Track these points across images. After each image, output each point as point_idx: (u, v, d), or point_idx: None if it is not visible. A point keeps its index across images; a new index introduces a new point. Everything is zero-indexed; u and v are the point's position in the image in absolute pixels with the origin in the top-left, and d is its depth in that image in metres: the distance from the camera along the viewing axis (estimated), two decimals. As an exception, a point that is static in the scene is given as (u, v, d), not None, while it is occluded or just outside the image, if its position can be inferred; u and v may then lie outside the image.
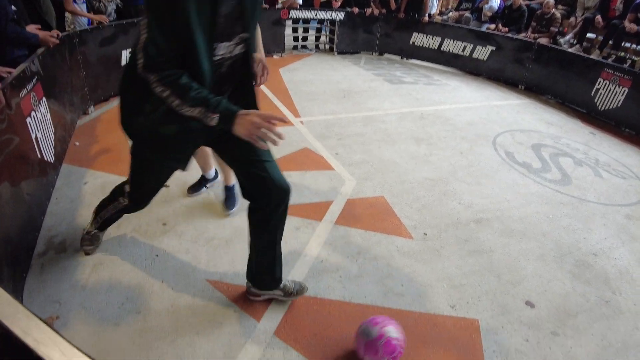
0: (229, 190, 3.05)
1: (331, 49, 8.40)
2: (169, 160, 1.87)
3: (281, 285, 2.23)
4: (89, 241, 2.49)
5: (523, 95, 6.66)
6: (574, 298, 2.58)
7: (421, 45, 7.91)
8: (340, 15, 7.86)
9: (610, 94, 5.89)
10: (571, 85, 6.33)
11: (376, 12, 7.92)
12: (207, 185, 3.24)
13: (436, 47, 7.78)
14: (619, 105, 5.79)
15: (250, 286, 2.26)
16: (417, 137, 4.41)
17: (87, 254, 2.52)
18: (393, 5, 7.88)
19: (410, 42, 7.99)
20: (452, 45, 7.64)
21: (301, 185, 3.39)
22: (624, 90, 5.67)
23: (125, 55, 4.83)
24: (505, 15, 7.56)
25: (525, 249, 2.92)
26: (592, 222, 3.37)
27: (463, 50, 7.53)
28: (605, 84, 5.90)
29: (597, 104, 6.03)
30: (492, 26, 7.63)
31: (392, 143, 4.22)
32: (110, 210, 2.32)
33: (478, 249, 2.85)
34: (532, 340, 2.25)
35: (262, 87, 5.69)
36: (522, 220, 3.22)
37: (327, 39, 8.61)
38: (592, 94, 6.08)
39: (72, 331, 2.04)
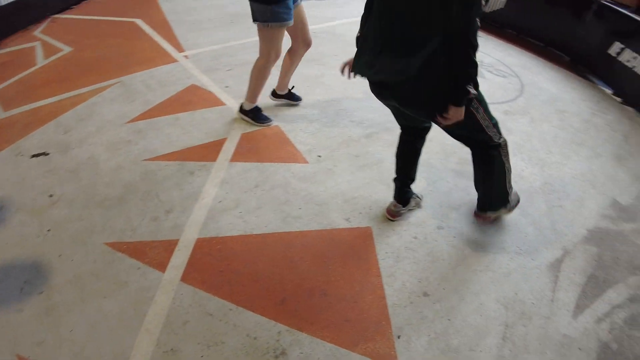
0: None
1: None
2: None
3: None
4: None
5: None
6: (457, 193, 2.88)
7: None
8: None
9: (492, -7, 6.10)
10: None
11: None
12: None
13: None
14: (503, 5, 6.04)
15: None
16: (308, 58, 4.30)
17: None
18: None
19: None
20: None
21: (191, 126, 3.25)
22: (507, -9, 5.91)
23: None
24: None
25: (412, 156, 3.14)
26: (471, 122, 3.66)
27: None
28: (489, -17, 6.08)
29: (483, 5, 6.24)
30: None
31: (285, 66, 4.12)
32: None
33: (368, 162, 3.02)
34: (420, 237, 2.52)
35: (139, 21, 5.15)
36: (408, 130, 3.40)
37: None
38: (477, -5, 6.25)
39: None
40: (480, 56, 4.89)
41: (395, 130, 3.34)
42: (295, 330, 1.98)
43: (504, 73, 4.74)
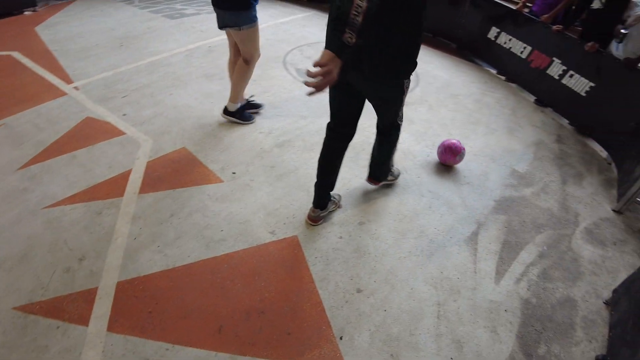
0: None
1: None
2: None
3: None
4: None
5: (307, 7, 6.84)
6: (371, 188, 2.96)
7: (199, -32, 7.31)
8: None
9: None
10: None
11: None
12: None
13: (215, -31, 7.30)
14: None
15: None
16: (209, 74, 4.23)
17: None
18: None
19: (187, -33, 7.31)
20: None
21: (91, 162, 3.00)
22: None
23: None
24: None
25: (326, 159, 3.18)
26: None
27: (243, -31, 7.23)
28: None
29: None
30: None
31: (184, 86, 3.97)
32: None
33: (285, 171, 3.00)
34: (344, 236, 2.55)
35: (16, 54, 4.68)
36: (318, 133, 3.46)
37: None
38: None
39: None
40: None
41: (307, 135, 3.39)
42: (238, 355, 1.90)
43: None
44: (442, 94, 4.47)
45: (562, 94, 4.37)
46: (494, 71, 5.34)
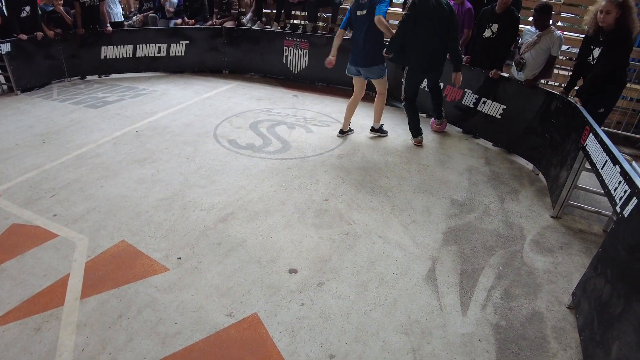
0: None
1: (11, 89, 6.91)
2: None
3: None
4: None
5: (230, 79, 7.01)
6: (323, 244, 2.92)
7: (114, 57, 7.32)
8: (5, 47, 6.46)
9: (296, 57, 6.79)
10: (266, 59, 6.99)
11: (50, 34, 6.83)
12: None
13: (131, 55, 7.33)
14: (306, 65, 6.75)
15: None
16: (139, 159, 4.10)
17: None
18: (69, 20, 6.92)
19: (102, 57, 7.29)
20: (146, 49, 7.33)
21: (22, 273, 2.71)
22: (306, 52, 6.64)
23: None
24: (187, 7, 7.66)
25: (272, 224, 3.13)
26: (316, 173, 3.86)
27: (159, 52, 7.34)
28: (291, 50, 6.77)
29: (291, 69, 6.89)
30: (179, 21, 7.64)
31: (115, 176, 3.81)
32: None
33: (233, 246, 2.90)
34: (306, 302, 2.45)
35: None
36: (261, 200, 3.42)
37: (2, 78, 7.01)
38: (284, 61, 6.89)
39: None
40: (301, 113, 5.31)
41: (249, 204, 3.33)
42: None
43: (327, 122, 5.19)
44: (372, 141, 4.66)
45: (480, 119, 4.71)
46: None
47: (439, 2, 4.03)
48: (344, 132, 4.79)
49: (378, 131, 4.84)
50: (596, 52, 3.47)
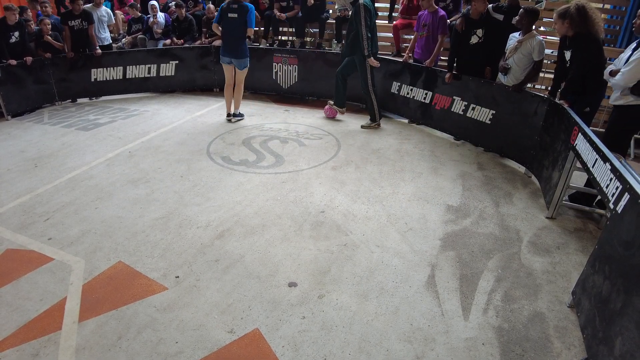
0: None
1: (1, 114, 6.86)
2: None
3: None
4: None
5: (220, 97, 6.99)
6: (322, 257, 2.91)
7: (105, 79, 7.33)
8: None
9: (286, 73, 6.87)
10: (256, 75, 7.03)
11: (46, 56, 6.84)
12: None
13: (121, 77, 7.35)
14: (296, 80, 6.82)
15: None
16: (133, 179, 4.09)
17: None
18: (59, 46, 6.94)
19: (92, 80, 7.31)
20: (136, 71, 7.36)
21: (18, 299, 2.67)
22: (295, 67, 6.72)
23: None
24: (176, 28, 7.71)
25: (270, 238, 3.12)
26: (311, 185, 3.87)
27: (149, 72, 7.36)
28: (280, 66, 6.84)
29: (281, 84, 6.96)
30: (168, 41, 7.69)
31: (109, 197, 3.78)
32: None
33: (231, 262, 2.88)
34: (307, 315, 2.43)
35: None
36: (257, 214, 3.41)
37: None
38: (274, 77, 6.96)
39: None
40: (293, 127, 5.34)
41: (245, 220, 3.32)
42: None
43: (319, 135, 5.21)
44: (364, 152, 4.68)
45: (471, 125, 4.77)
46: (405, 120, 5.74)
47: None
48: (233, 116, 5.78)
49: (238, 116, 5.80)
50: (567, 54, 3.54)
